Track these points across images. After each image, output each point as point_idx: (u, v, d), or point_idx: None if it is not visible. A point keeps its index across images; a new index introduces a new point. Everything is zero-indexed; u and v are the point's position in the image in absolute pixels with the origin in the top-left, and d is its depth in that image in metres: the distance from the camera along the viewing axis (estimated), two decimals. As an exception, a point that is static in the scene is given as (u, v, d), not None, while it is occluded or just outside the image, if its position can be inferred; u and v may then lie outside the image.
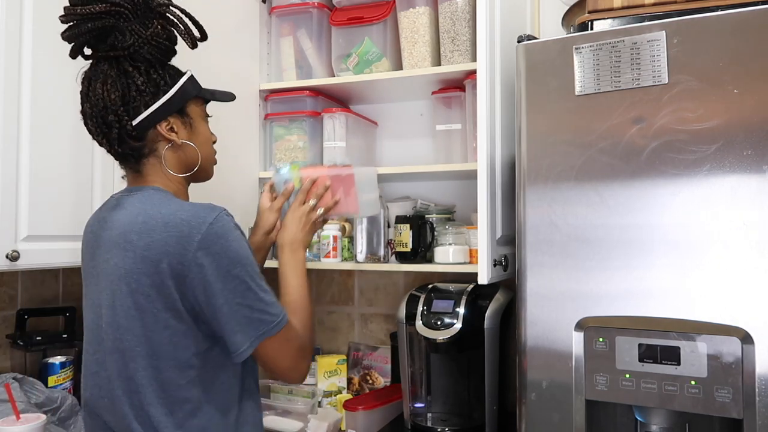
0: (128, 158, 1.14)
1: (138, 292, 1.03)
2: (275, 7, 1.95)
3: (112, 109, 1.08)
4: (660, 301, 1.12)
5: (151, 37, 1.10)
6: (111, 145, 1.11)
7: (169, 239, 1.01)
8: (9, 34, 1.37)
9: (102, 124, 1.09)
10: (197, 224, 1.02)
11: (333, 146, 1.88)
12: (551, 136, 1.22)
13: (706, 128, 1.10)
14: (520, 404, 1.24)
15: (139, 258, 1.03)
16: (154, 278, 1.02)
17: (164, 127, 1.12)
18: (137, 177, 1.16)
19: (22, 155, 1.40)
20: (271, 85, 1.94)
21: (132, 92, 1.09)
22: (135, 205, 1.10)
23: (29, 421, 1.37)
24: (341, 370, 2.01)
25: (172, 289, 1.02)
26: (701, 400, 1.09)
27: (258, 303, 1.05)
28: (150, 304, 1.03)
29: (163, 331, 1.03)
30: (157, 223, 1.03)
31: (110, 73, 1.08)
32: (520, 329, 1.24)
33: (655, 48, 1.14)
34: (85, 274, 1.17)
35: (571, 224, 1.20)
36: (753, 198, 1.07)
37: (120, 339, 1.06)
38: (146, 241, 1.03)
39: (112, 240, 1.08)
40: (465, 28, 1.72)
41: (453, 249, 1.71)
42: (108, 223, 1.12)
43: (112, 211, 1.13)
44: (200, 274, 1.01)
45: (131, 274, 1.03)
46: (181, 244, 1.01)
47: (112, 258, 1.07)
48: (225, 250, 1.03)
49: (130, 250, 1.04)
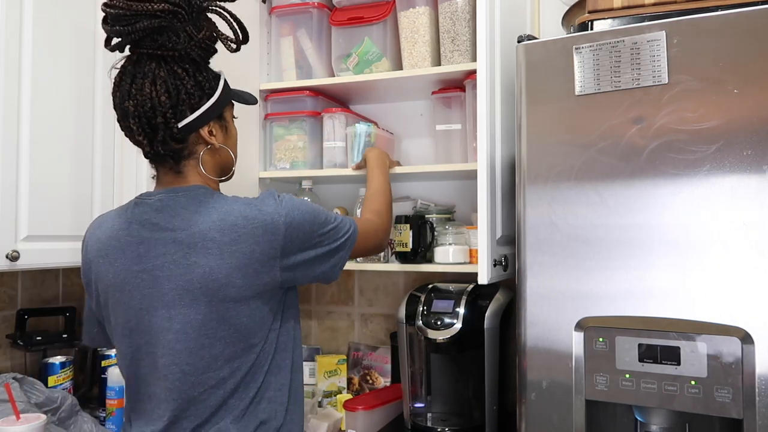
0: (166, 159, 1.13)
1: (230, 285, 1.05)
2: (275, 7, 1.95)
3: (161, 110, 1.06)
4: (660, 301, 1.12)
5: (202, 40, 1.10)
6: (152, 146, 1.09)
7: (256, 230, 1.07)
8: (9, 34, 1.37)
9: (146, 124, 1.07)
10: (273, 210, 1.09)
11: (333, 146, 1.88)
12: (551, 136, 1.22)
13: (706, 128, 1.10)
14: (520, 404, 1.24)
15: (227, 254, 1.05)
16: (247, 269, 1.06)
17: (206, 131, 1.14)
18: (176, 177, 1.14)
19: (22, 155, 1.40)
20: (271, 85, 1.94)
21: (182, 95, 1.08)
22: (195, 204, 1.09)
23: (29, 421, 1.37)
24: (341, 370, 2.02)
25: (269, 273, 1.08)
26: (701, 400, 1.09)
27: (333, 235, 1.19)
28: (243, 293, 1.07)
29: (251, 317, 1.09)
30: (237, 218, 1.07)
31: (159, 73, 1.07)
32: (520, 329, 1.24)
33: (655, 48, 1.14)
34: (123, 281, 1.10)
35: (571, 224, 1.20)
36: (753, 198, 1.07)
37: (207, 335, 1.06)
38: (231, 237, 1.06)
39: (181, 240, 1.06)
40: (465, 28, 1.72)
41: (453, 249, 1.72)
42: (159, 224, 1.09)
43: (158, 212, 1.10)
44: (293, 247, 1.11)
45: (220, 270, 1.05)
46: (270, 230, 1.07)
47: (184, 258, 1.06)
48: (303, 217, 1.12)
49: (213, 248, 1.05)
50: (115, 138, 1.65)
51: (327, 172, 1.86)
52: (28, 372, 1.69)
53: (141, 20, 1.04)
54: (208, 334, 1.06)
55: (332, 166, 1.88)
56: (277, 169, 1.93)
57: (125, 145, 1.65)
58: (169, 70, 1.08)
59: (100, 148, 1.61)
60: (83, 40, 1.57)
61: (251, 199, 1.12)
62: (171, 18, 1.06)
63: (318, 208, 1.18)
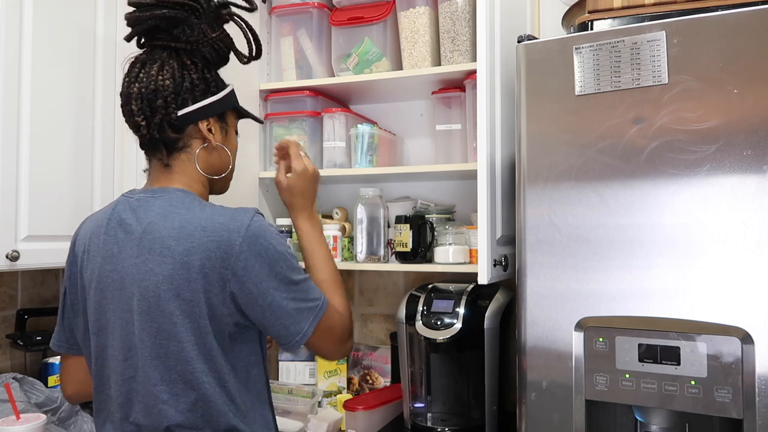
0: (159, 148, 1.12)
1: (180, 297, 1.02)
2: (275, 7, 1.96)
3: (163, 94, 1.08)
4: (660, 301, 1.13)
5: (215, 40, 1.13)
6: (149, 129, 1.09)
7: (209, 244, 1.02)
8: (9, 34, 1.37)
9: (147, 106, 1.08)
10: (236, 228, 1.04)
11: (333, 146, 1.88)
12: (551, 136, 1.22)
13: (706, 128, 1.10)
14: (520, 404, 1.24)
15: (179, 264, 1.02)
16: (196, 284, 1.02)
17: (204, 126, 1.13)
18: (163, 172, 1.13)
19: (22, 156, 1.40)
20: (271, 85, 1.94)
21: (186, 83, 1.10)
22: (165, 208, 1.07)
23: (29, 421, 1.37)
24: (341, 370, 2.02)
25: (217, 292, 1.02)
26: (701, 400, 1.09)
27: (302, 293, 1.08)
28: (193, 308, 1.02)
29: (208, 335, 1.03)
30: (195, 228, 1.03)
31: (168, 61, 1.10)
32: (520, 329, 1.24)
33: (655, 48, 1.14)
34: (98, 279, 1.10)
35: (571, 224, 1.20)
36: (753, 198, 1.07)
37: (161, 345, 1.03)
38: (186, 247, 1.02)
39: (144, 244, 1.05)
40: (465, 28, 1.72)
41: (453, 249, 1.72)
42: (131, 225, 1.08)
43: (134, 213, 1.09)
44: (246, 275, 1.02)
45: (172, 279, 1.02)
46: (223, 248, 1.02)
47: (144, 263, 1.04)
48: (266, 249, 1.04)
49: (168, 256, 1.02)
50: (115, 138, 1.65)
51: (327, 172, 1.86)
52: (28, 372, 1.69)
53: (161, 9, 1.08)
54: (162, 344, 1.03)
55: (332, 166, 1.88)
56: (277, 169, 1.93)
57: (125, 146, 1.65)
58: (178, 60, 1.11)
59: (100, 149, 1.61)
60: (83, 39, 1.57)
61: (226, 210, 1.08)
62: (188, 12, 1.10)
63: (292, 254, 1.09)
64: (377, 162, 1.86)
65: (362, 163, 1.84)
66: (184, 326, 1.02)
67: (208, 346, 1.04)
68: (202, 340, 1.03)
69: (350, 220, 2.00)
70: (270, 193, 2.00)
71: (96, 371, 1.12)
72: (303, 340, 1.08)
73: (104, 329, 1.09)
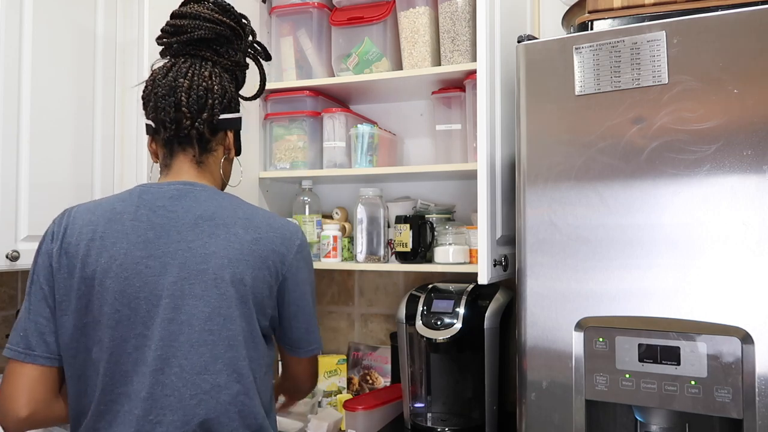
0: (191, 144, 1.15)
1: (242, 282, 1.06)
2: (275, 7, 1.96)
3: (213, 95, 1.14)
4: (660, 301, 1.13)
5: (244, 66, 1.25)
6: (193, 123, 1.12)
7: (275, 239, 1.11)
8: (9, 34, 1.37)
9: (196, 102, 1.12)
10: (294, 230, 1.16)
11: (333, 146, 1.88)
12: (551, 136, 1.22)
13: (706, 128, 1.10)
14: (520, 404, 1.24)
15: (247, 251, 1.07)
16: (258, 272, 1.08)
17: (231, 136, 1.21)
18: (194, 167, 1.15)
19: (22, 156, 1.40)
20: (271, 85, 1.94)
21: (228, 94, 1.18)
22: (219, 200, 1.12)
23: (29, 421, 1.37)
24: (341, 370, 2.02)
25: (272, 284, 1.10)
26: (701, 400, 1.09)
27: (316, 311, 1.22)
28: (249, 295, 1.07)
29: (255, 325, 1.09)
30: (262, 221, 1.12)
31: (215, 70, 1.17)
32: (520, 329, 1.24)
33: (655, 48, 1.14)
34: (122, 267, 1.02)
35: (571, 224, 1.20)
36: (753, 198, 1.07)
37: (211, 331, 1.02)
38: (254, 236, 1.09)
39: (203, 230, 1.05)
40: (465, 28, 1.72)
41: (453, 249, 1.72)
42: (176, 212, 1.06)
43: (176, 201, 1.08)
44: (295, 276, 1.13)
45: (238, 264, 1.06)
46: (286, 245, 1.12)
47: (203, 247, 1.04)
48: (309, 259, 1.18)
49: (235, 242, 1.07)
50: (115, 138, 1.65)
51: (327, 172, 1.86)
52: (28, 372, 1.69)
53: (212, 24, 1.17)
54: (212, 330, 1.02)
55: (332, 166, 1.88)
56: (277, 169, 1.93)
57: (125, 146, 1.65)
58: (221, 73, 1.18)
59: (99, 149, 1.61)
60: (83, 39, 1.57)
61: (276, 214, 1.19)
62: (235, 36, 1.20)
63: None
64: (377, 162, 1.86)
65: (362, 163, 1.84)
66: (239, 311, 1.05)
67: (254, 336, 1.08)
68: (250, 328, 1.07)
69: (350, 220, 2.00)
70: (270, 193, 2.00)
71: (108, 369, 1.01)
72: (318, 350, 1.21)
73: (127, 319, 1.01)
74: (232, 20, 1.20)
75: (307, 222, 1.91)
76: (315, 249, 1.90)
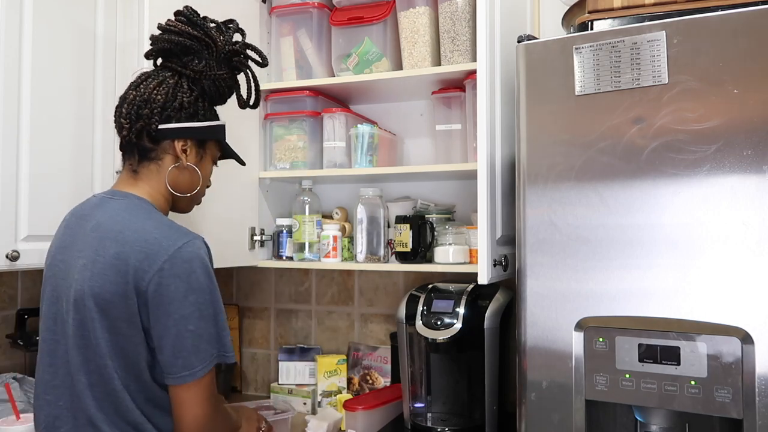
0: (132, 153, 1.22)
1: (100, 297, 1.08)
2: (275, 7, 1.95)
3: (151, 105, 1.18)
4: (660, 301, 1.12)
5: (217, 78, 1.25)
6: (129, 131, 1.19)
7: (138, 254, 1.07)
8: (9, 34, 1.37)
9: (134, 112, 1.18)
10: (167, 245, 1.08)
11: (333, 146, 1.88)
12: (551, 136, 1.22)
13: (706, 128, 1.10)
14: (520, 404, 1.24)
15: (108, 265, 1.08)
16: (117, 288, 1.07)
17: (179, 145, 1.22)
18: (130, 177, 1.22)
19: (22, 156, 1.40)
20: (271, 85, 1.94)
21: (175, 103, 1.20)
22: (116, 210, 1.14)
23: (29, 420, 1.37)
24: (341, 370, 2.02)
25: (134, 301, 1.07)
26: (701, 400, 1.09)
27: (207, 333, 1.08)
28: (112, 310, 1.08)
29: (118, 337, 1.09)
30: (133, 235, 1.10)
31: (168, 80, 1.21)
32: (520, 329, 1.24)
33: (655, 48, 1.14)
34: (53, 268, 1.18)
35: (571, 224, 1.20)
36: (753, 198, 1.07)
37: (82, 336, 1.10)
38: (117, 250, 1.08)
39: (87, 241, 1.12)
40: (465, 28, 1.72)
41: (453, 249, 1.72)
42: (86, 222, 1.15)
43: (92, 210, 1.17)
44: (157, 293, 1.06)
45: (97, 278, 1.08)
46: (148, 261, 1.06)
47: (82, 258, 1.11)
48: (187, 275, 1.07)
49: (101, 255, 1.09)
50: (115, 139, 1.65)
51: (327, 172, 1.86)
52: (28, 372, 1.69)
53: (180, 36, 1.22)
54: (83, 336, 1.10)
55: (332, 166, 1.88)
56: (277, 169, 1.93)
57: (125, 145, 1.65)
58: (177, 82, 1.22)
59: (100, 149, 1.60)
60: (83, 39, 1.57)
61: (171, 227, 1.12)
62: (202, 46, 1.23)
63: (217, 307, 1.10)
64: (377, 162, 1.86)
65: (362, 163, 1.84)
66: (100, 323, 1.08)
67: (120, 347, 1.09)
68: (113, 339, 1.08)
69: (350, 220, 2.00)
70: (270, 193, 2.00)
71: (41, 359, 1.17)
72: (190, 378, 1.06)
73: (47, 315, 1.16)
74: (199, 31, 1.23)
75: (307, 222, 1.91)
76: (315, 249, 1.90)
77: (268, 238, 1.97)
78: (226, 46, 1.26)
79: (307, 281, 2.20)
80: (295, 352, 2.11)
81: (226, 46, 1.27)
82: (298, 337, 2.20)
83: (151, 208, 1.18)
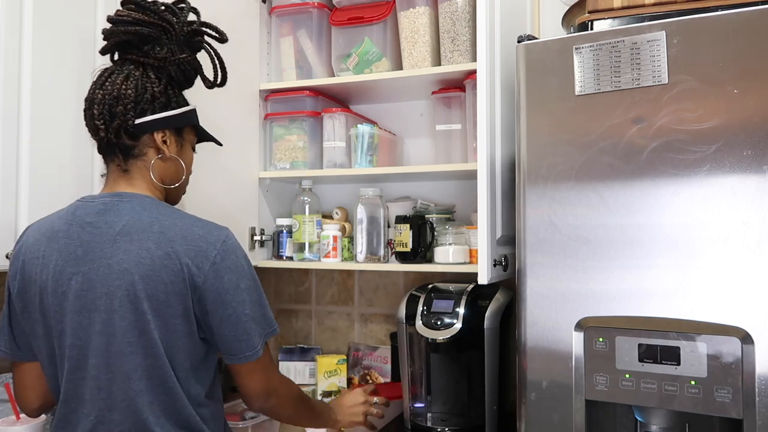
0: (115, 153, 1.17)
1: (154, 298, 1.07)
2: (275, 7, 1.95)
3: (123, 102, 1.14)
4: (660, 301, 1.13)
5: (182, 61, 1.21)
6: (107, 132, 1.14)
7: (189, 252, 1.09)
8: (9, 35, 1.37)
9: (107, 111, 1.14)
10: (213, 241, 1.12)
11: (333, 146, 1.88)
12: (551, 136, 1.22)
13: (706, 128, 1.10)
14: (520, 404, 1.24)
15: (159, 266, 1.07)
16: (172, 287, 1.07)
17: (159, 137, 1.18)
18: (123, 176, 1.18)
19: (22, 155, 1.40)
20: (271, 85, 1.94)
21: (147, 95, 1.16)
22: (138, 212, 1.11)
23: (29, 421, 1.37)
24: (341, 370, 2.01)
25: (189, 296, 1.09)
26: (701, 400, 1.09)
27: (259, 314, 1.16)
28: (165, 309, 1.08)
29: (174, 334, 1.09)
30: (176, 234, 1.10)
31: (134, 72, 1.16)
32: (520, 329, 1.24)
33: (655, 48, 1.14)
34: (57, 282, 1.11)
35: (571, 224, 1.20)
36: (753, 198, 1.07)
37: (130, 343, 1.07)
38: (166, 251, 1.08)
39: (119, 246, 1.08)
40: (465, 28, 1.72)
41: (453, 249, 1.72)
42: (101, 228, 1.11)
43: (101, 216, 1.12)
44: (213, 287, 1.10)
45: (148, 280, 1.06)
46: (199, 258, 1.09)
47: (117, 264, 1.08)
48: (235, 265, 1.13)
49: (147, 258, 1.07)
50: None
51: (327, 172, 1.86)
52: (28, 372, 1.69)
53: (135, 25, 1.16)
54: (130, 342, 1.08)
55: (332, 166, 1.88)
56: (277, 169, 1.93)
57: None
58: (143, 73, 1.17)
59: (100, 148, 1.60)
60: (83, 39, 1.57)
61: (202, 221, 1.15)
62: (161, 32, 1.18)
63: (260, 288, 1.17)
64: (377, 162, 1.86)
65: (362, 163, 1.84)
66: (155, 324, 1.07)
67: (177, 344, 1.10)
68: (168, 337, 1.09)
69: (350, 220, 2.00)
70: (270, 193, 2.00)
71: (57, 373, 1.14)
72: (254, 357, 1.14)
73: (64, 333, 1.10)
74: (153, 17, 1.17)
75: (307, 222, 1.91)
76: (315, 249, 1.90)
77: (268, 238, 1.97)
78: (184, 28, 1.21)
79: (307, 281, 2.20)
80: (295, 352, 2.11)
81: (184, 28, 1.22)
82: (298, 337, 2.20)
83: (165, 204, 1.17)
